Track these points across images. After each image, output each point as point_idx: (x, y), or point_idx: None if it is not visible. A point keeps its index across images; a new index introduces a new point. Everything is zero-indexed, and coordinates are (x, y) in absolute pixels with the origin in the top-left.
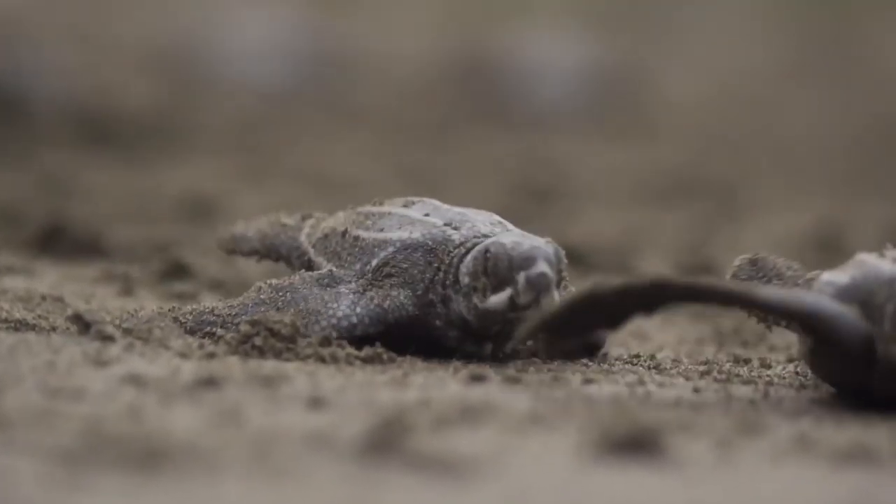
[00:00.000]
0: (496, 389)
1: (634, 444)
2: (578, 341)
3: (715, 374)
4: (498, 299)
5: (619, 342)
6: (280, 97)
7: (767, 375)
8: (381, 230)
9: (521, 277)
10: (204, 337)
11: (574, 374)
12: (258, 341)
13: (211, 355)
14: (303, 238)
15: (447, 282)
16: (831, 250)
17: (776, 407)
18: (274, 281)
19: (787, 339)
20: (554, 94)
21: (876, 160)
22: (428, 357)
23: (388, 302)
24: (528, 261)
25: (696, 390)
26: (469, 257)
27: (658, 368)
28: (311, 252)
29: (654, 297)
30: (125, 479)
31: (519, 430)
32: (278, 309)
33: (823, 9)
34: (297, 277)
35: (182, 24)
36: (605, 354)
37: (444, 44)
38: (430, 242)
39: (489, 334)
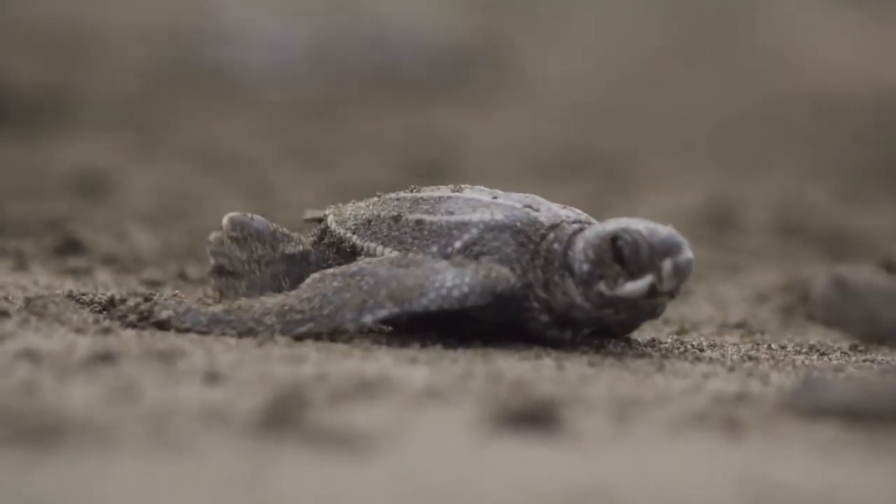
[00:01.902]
0: (392, 364)
1: (531, 417)
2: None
3: (610, 347)
4: (636, 286)
5: None
6: (166, 75)
7: (663, 347)
8: (451, 213)
9: (666, 264)
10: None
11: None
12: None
13: (106, 330)
14: (335, 227)
15: (551, 266)
16: (721, 225)
17: (672, 380)
18: (334, 270)
19: (685, 314)
20: (418, 69)
21: (762, 137)
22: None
23: (494, 273)
24: (673, 248)
25: (591, 364)
26: (581, 243)
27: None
28: (355, 238)
29: None
30: (21, 454)
31: (416, 404)
32: (364, 292)
33: None
34: (364, 262)
35: (71, 3)
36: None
37: (315, 19)
38: (517, 224)
39: (580, 322)
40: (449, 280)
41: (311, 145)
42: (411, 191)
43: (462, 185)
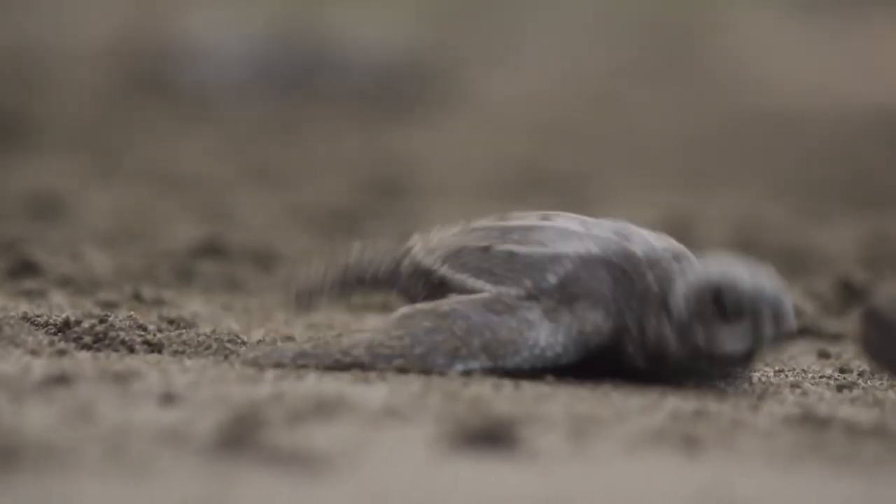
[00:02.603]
0: (349, 383)
1: (489, 436)
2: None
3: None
4: (735, 343)
5: None
6: (124, 95)
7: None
8: (543, 244)
9: (768, 321)
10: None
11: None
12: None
13: (62, 352)
14: (422, 257)
15: (647, 307)
16: (679, 242)
17: (629, 397)
18: (424, 306)
19: None
20: (374, 88)
21: (720, 154)
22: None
23: (588, 326)
24: (775, 303)
25: (548, 382)
26: (683, 289)
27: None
28: (444, 269)
29: None
30: None
31: (374, 423)
32: (457, 337)
33: (667, 8)
34: (457, 301)
35: (27, 24)
36: None
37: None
38: (613, 258)
39: (673, 364)
40: (543, 339)
41: (270, 165)
42: (499, 218)
43: (551, 213)
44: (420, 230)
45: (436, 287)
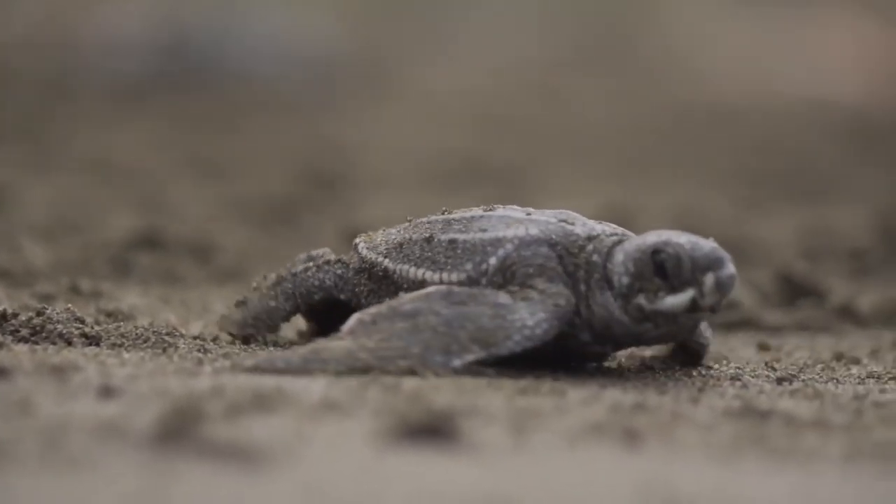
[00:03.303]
0: (288, 376)
1: (430, 429)
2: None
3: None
4: (677, 301)
5: None
6: (60, 86)
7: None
8: (484, 230)
9: (709, 278)
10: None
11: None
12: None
13: None
14: (366, 252)
15: (591, 279)
16: None
17: (569, 390)
18: (379, 309)
19: None
20: (308, 80)
21: (659, 146)
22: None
23: (560, 299)
24: (716, 262)
25: (488, 376)
26: (621, 256)
27: None
28: (387, 262)
29: None
30: None
31: (313, 416)
32: (442, 333)
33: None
34: (410, 299)
35: None
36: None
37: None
38: (553, 236)
39: (620, 338)
40: (528, 318)
41: (206, 156)
42: (443, 213)
43: (495, 206)
44: (359, 223)
45: (380, 280)
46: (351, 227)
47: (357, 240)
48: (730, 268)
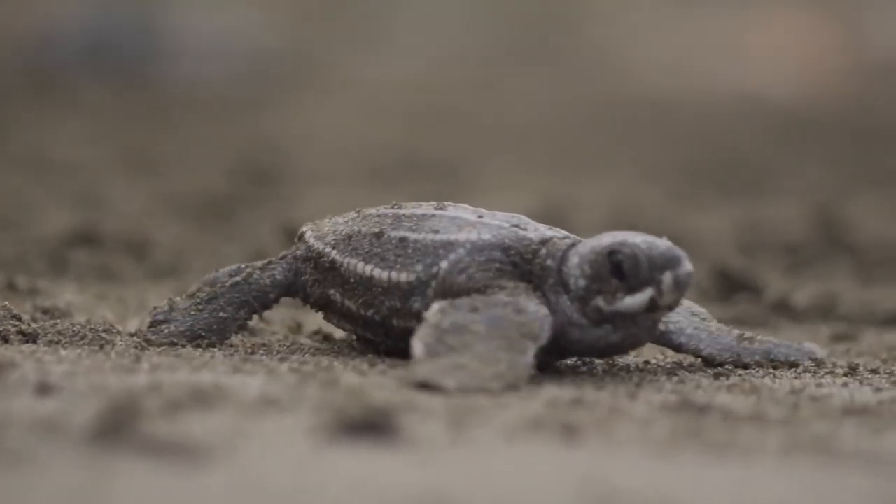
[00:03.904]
0: (225, 372)
1: (368, 424)
2: None
3: None
4: (636, 300)
5: None
6: None
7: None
8: (436, 231)
9: (666, 277)
10: None
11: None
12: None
13: None
14: (314, 241)
15: (544, 284)
16: (555, 226)
17: (508, 388)
18: (421, 333)
19: None
20: (244, 76)
21: (595, 139)
22: None
23: (532, 292)
24: (672, 260)
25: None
26: (576, 259)
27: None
28: (334, 253)
29: None
30: None
31: (251, 412)
32: (503, 338)
33: None
34: (441, 311)
35: None
36: None
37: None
38: (506, 241)
39: (574, 344)
40: (540, 308)
41: (141, 152)
42: (392, 207)
43: (446, 203)
44: (296, 218)
45: (325, 270)
46: (287, 222)
47: (304, 228)
48: (687, 265)
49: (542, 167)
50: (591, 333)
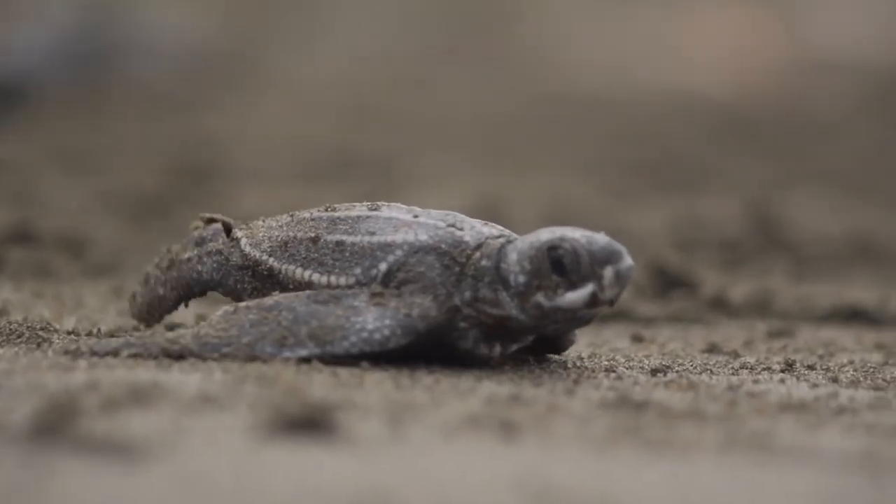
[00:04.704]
0: (163, 370)
1: (307, 422)
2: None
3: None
4: (577, 296)
5: None
6: None
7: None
8: (373, 234)
9: (608, 272)
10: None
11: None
12: None
13: None
14: (250, 249)
15: (480, 282)
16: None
17: (445, 382)
18: (248, 303)
19: None
20: (176, 73)
21: (529, 136)
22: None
23: (415, 310)
24: (613, 255)
25: (364, 368)
26: (515, 255)
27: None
28: (272, 261)
29: None
30: None
31: (190, 410)
32: (284, 327)
33: None
34: (280, 296)
35: None
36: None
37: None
38: (442, 245)
39: (514, 334)
40: (370, 322)
41: (76, 149)
42: (326, 209)
43: (379, 203)
44: (232, 216)
45: (264, 279)
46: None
47: (238, 233)
48: (627, 260)
49: (476, 164)
50: (530, 326)
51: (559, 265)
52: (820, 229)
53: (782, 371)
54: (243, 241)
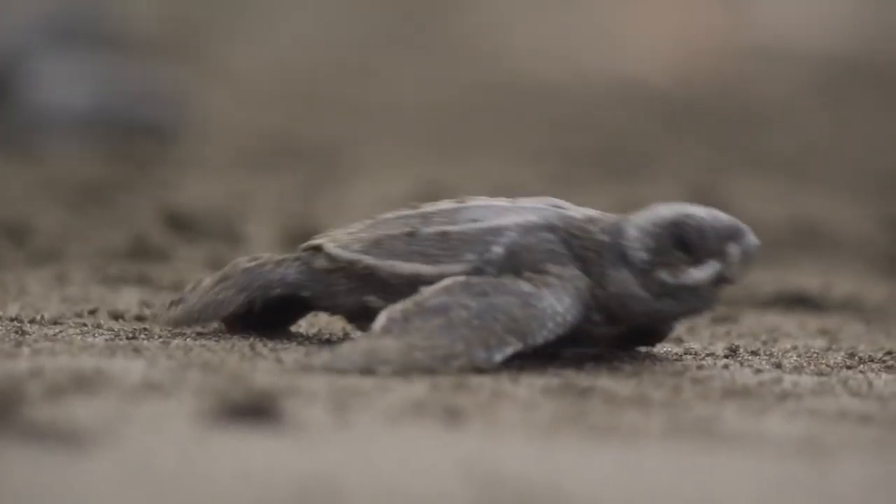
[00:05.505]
0: (107, 357)
1: (252, 409)
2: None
3: (328, 336)
4: (702, 273)
5: None
6: None
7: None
8: (476, 220)
9: (733, 249)
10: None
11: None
12: None
13: None
14: (339, 251)
15: (602, 258)
16: None
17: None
18: (404, 306)
19: None
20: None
21: (474, 123)
22: None
23: (576, 283)
24: (738, 232)
25: (308, 354)
26: (635, 231)
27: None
28: (368, 258)
29: None
30: None
31: (134, 397)
32: (476, 327)
33: None
34: (432, 293)
35: None
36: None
37: None
38: (554, 221)
39: (637, 316)
40: (558, 305)
41: (15, 134)
42: (411, 207)
43: (464, 197)
44: (176, 203)
45: (361, 278)
46: (168, 207)
47: (320, 241)
48: (752, 237)
49: (421, 151)
50: (652, 306)
51: (685, 242)
52: (763, 215)
53: (726, 357)
54: (329, 246)
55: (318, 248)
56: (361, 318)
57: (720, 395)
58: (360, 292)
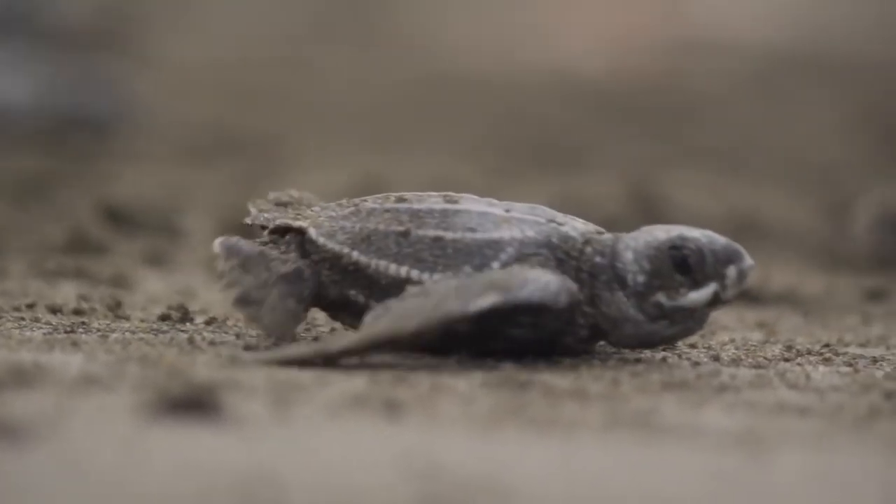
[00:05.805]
0: (45, 350)
1: (191, 402)
2: None
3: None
4: (700, 295)
5: None
6: None
7: (321, 331)
8: (473, 230)
9: (731, 271)
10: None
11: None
12: None
13: None
14: (324, 241)
15: (596, 281)
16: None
17: (320, 363)
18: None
19: None
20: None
21: (409, 116)
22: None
23: (567, 282)
24: (735, 254)
25: (247, 347)
26: (631, 255)
27: (212, 325)
28: (356, 254)
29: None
30: None
31: (73, 391)
32: (454, 289)
33: None
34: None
35: None
36: None
37: None
38: (552, 239)
39: (628, 337)
40: (541, 275)
41: None
42: (396, 200)
43: (451, 194)
44: (115, 197)
45: (349, 273)
46: (106, 200)
47: (301, 223)
48: (748, 259)
49: (359, 145)
50: (646, 328)
51: (683, 264)
52: (700, 208)
53: (664, 350)
54: (312, 232)
55: (299, 232)
56: (342, 311)
57: (659, 388)
58: (342, 285)
